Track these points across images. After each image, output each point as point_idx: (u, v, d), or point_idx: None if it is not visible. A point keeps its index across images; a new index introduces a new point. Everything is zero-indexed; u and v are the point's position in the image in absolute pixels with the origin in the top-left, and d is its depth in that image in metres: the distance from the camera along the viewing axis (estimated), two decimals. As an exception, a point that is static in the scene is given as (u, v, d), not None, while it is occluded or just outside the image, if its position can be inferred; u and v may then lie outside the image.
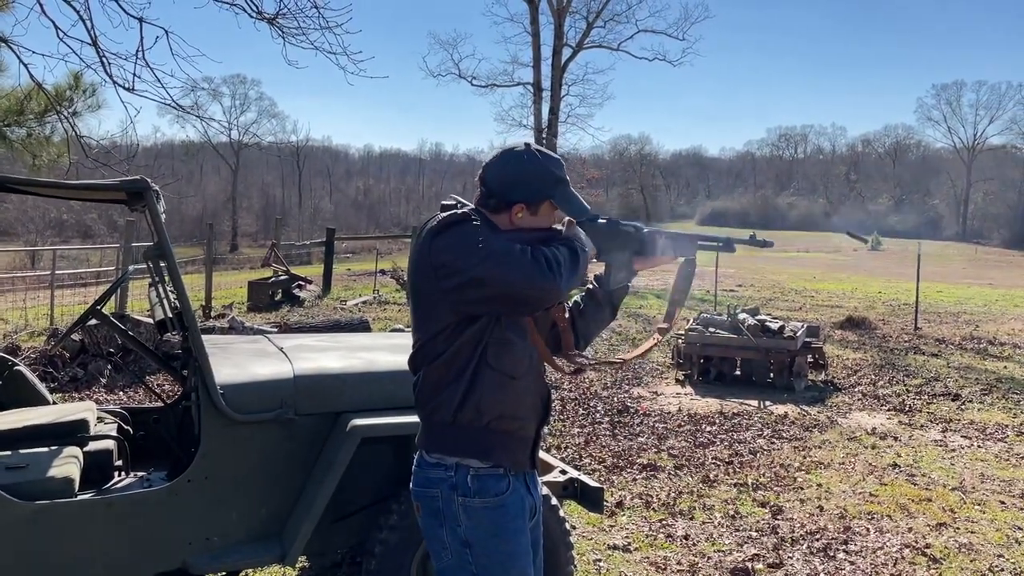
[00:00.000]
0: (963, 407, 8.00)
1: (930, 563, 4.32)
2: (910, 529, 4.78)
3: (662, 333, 2.37)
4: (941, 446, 6.61)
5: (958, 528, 4.83)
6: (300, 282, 15.41)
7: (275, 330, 9.65)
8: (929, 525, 4.86)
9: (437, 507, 2.06)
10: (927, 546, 4.52)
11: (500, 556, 2.05)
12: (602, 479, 5.51)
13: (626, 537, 4.56)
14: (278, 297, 14.73)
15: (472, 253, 1.91)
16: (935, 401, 8.23)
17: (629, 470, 5.77)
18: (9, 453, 3.01)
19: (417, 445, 2.14)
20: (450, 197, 2.17)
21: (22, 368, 3.86)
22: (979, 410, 7.89)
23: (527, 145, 2.16)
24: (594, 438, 6.54)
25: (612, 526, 4.72)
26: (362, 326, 9.87)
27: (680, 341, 9.23)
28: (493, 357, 2.02)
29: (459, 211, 2.03)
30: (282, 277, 15.19)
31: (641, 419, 7.25)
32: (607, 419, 7.18)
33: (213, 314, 12.72)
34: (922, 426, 7.25)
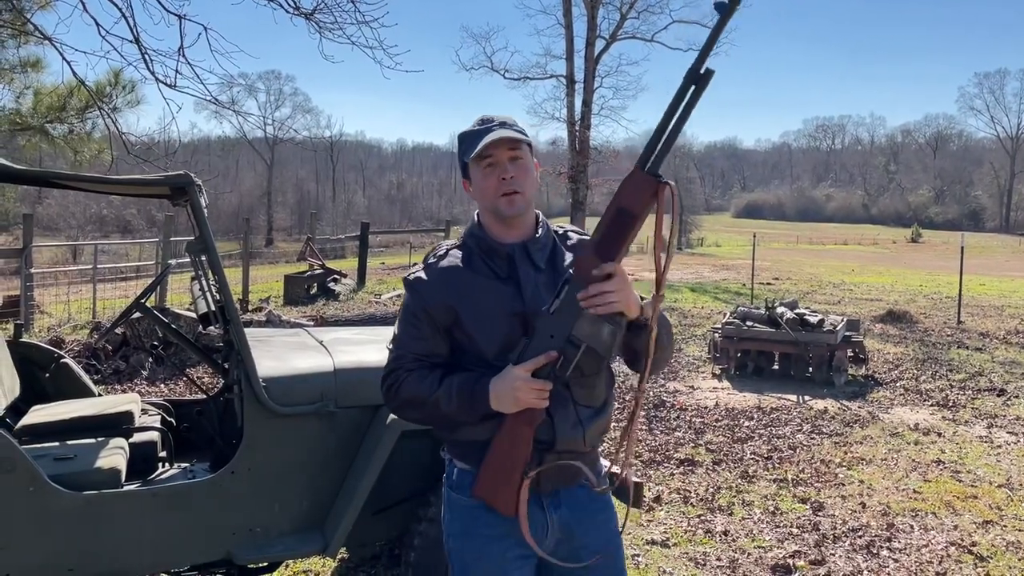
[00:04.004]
0: (1009, 402, 7.82)
1: (976, 561, 4.23)
2: (956, 526, 4.69)
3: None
4: (986, 442, 6.47)
5: (1005, 526, 4.72)
6: (335, 276, 15.53)
7: (311, 323, 9.73)
8: (975, 522, 4.76)
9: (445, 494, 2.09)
10: (973, 544, 4.43)
11: (462, 560, 1.99)
12: (640, 474, 5.47)
13: (664, 532, 4.53)
14: (313, 291, 14.86)
15: (397, 320, 2.03)
16: (979, 396, 8.05)
17: (666, 465, 5.73)
18: (57, 444, 3.07)
19: None
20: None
21: (68, 361, 3.93)
22: (1026, 406, 7.72)
23: None
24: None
25: (650, 521, 4.69)
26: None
27: (717, 335, 9.13)
28: None
29: (414, 273, 2.00)
30: (317, 271, 15.33)
31: (678, 413, 7.19)
32: (643, 413, 7.14)
33: (250, 308, 12.87)
34: (966, 422, 7.10)
